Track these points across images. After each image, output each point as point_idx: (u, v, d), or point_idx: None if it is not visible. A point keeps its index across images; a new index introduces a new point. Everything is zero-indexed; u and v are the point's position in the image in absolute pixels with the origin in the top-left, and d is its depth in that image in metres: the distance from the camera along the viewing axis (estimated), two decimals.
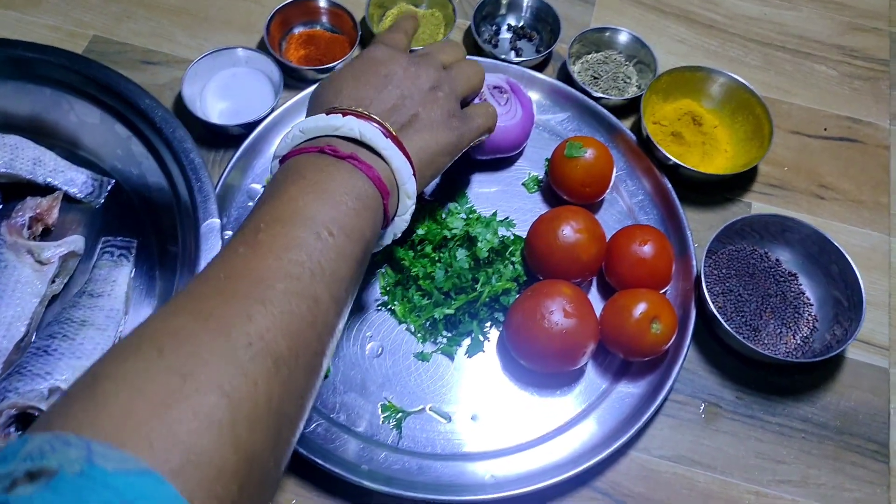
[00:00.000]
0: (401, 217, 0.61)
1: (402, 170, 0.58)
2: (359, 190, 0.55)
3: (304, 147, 0.57)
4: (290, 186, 0.53)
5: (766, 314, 0.76)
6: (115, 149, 0.77)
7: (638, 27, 0.96)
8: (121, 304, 0.70)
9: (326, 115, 0.58)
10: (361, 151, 0.57)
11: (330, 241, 0.51)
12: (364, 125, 0.57)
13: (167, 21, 0.91)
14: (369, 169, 0.56)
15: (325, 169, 0.55)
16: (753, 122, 0.86)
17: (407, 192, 0.59)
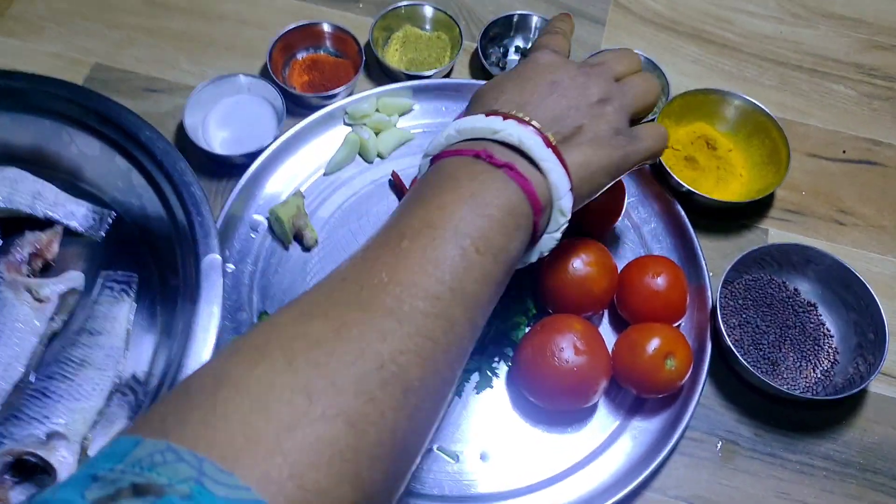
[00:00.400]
0: (550, 235, 0.57)
1: (559, 184, 0.54)
2: (512, 204, 0.51)
3: (459, 148, 0.54)
4: (441, 193, 0.50)
5: (785, 347, 0.74)
6: (116, 181, 0.75)
7: (650, 48, 0.94)
8: (121, 341, 0.69)
9: (486, 116, 0.55)
10: (519, 161, 0.53)
11: (476, 259, 0.48)
12: (524, 132, 0.54)
13: (170, 47, 0.90)
14: (525, 182, 0.52)
15: (478, 176, 0.51)
16: (770, 146, 0.83)
17: (561, 209, 0.55)
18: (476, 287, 0.48)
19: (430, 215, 0.49)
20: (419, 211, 0.49)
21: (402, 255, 0.46)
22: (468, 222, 0.48)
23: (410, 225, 0.48)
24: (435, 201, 0.50)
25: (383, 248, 0.47)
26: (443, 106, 0.86)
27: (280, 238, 0.77)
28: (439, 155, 0.56)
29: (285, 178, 0.80)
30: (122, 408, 0.66)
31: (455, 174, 0.52)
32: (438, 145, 0.57)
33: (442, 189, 0.51)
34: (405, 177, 0.81)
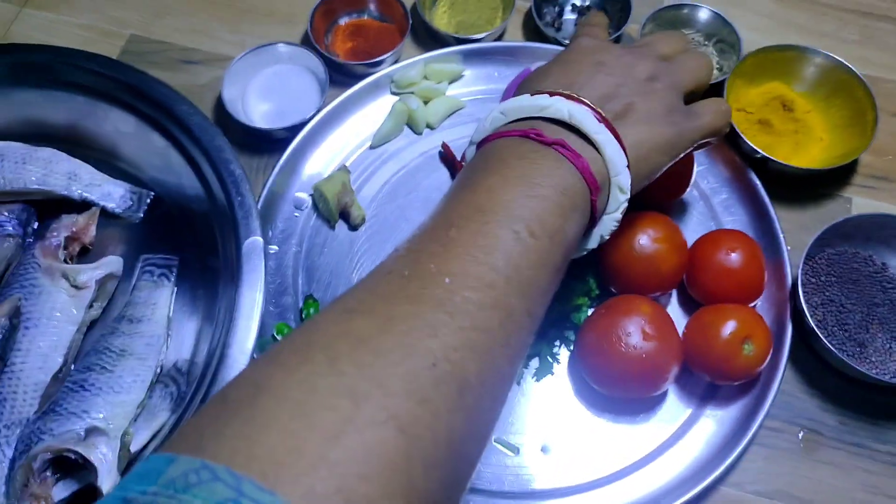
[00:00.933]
0: (610, 215, 0.53)
1: (615, 159, 0.51)
2: (566, 182, 0.48)
3: (504, 131, 0.51)
4: (488, 175, 0.47)
5: (873, 327, 0.68)
6: (153, 159, 0.72)
7: (718, 2, 0.86)
8: (162, 328, 0.66)
9: (531, 94, 0.52)
10: (570, 137, 0.50)
11: (531, 242, 0.44)
12: (574, 106, 0.51)
13: (206, 15, 0.86)
14: (577, 158, 0.49)
15: (527, 156, 0.49)
16: (853, 106, 0.76)
17: (620, 186, 0.52)
18: (532, 273, 0.44)
19: (478, 199, 0.46)
20: (467, 196, 0.46)
21: (451, 243, 0.43)
22: (520, 204, 0.45)
23: (458, 211, 0.45)
24: (483, 185, 0.47)
25: (430, 237, 0.44)
26: (495, 71, 0.81)
27: (325, 216, 0.73)
28: (485, 139, 0.53)
29: (330, 153, 0.76)
30: (165, 399, 0.63)
31: (502, 156, 0.49)
32: (483, 130, 0.54)
33: (489, 172, 0.48)
34: (456, 148, 0.76)
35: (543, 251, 0.45)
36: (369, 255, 0.72)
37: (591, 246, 0.55)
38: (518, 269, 0.43)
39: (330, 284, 0.70)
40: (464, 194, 0.47)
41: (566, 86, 0.53)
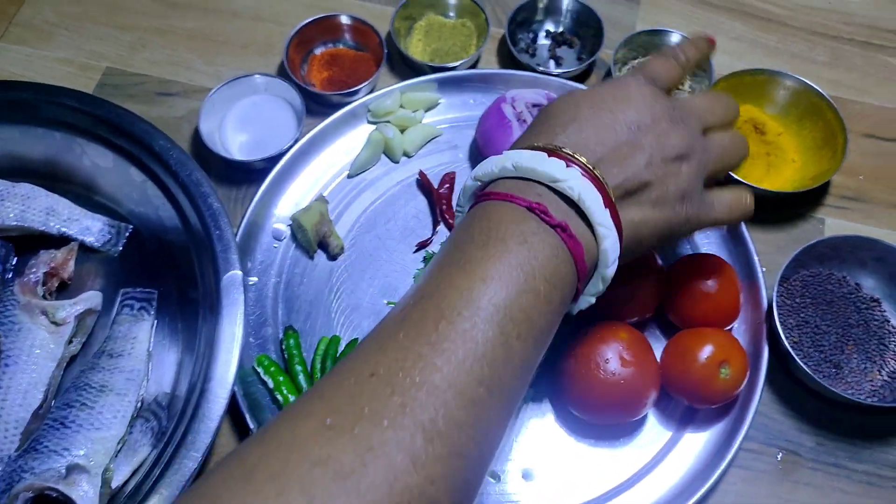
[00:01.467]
0: (585, 297, 0.52)
1: (609, 253, 0.49)
2: (559, 273, 0.46)
3: (513, 194, 0.48)
4: (486, 257, 0.44)
5: (848, 347, 0.68)
6: (132, 193, 0.72)
7: (689, 26, 0.88)
8: (142, 363, 0.66)
9: (548, 155, 0.48)
10: (573, 220, 0.47)
11: (517, 347, 0.43)
12: (586, 187, 0.47)
13: (183, 48, 0.86)
14: (576, 246, 0.47)
15: (529, 239, 0.45)
16: (824, 128, 0.77)
17: (604, 276, 0.50)
18: (514, 381, 0.43)
19: (472, 289, 0.43)
20: (461, 280, 0.44)
21: (438, 344, 0.41)
22: (513, 300, 0.43)
23: (449, 299, 0.43)
24: (479, 269, 0.44)
25: (419, 330, 0.42)
26: (471, 98, 0.81)
27: (304, 247, 0.73)
28: (487, 193, 0.49)
29: (307, 183, 0.76)
30: (146, 434, 0.63)
31: (504, 234, 0.46)
32: (490, 174, 0.50)
33: (487, 252, 0.45)
34: (433, 176, 0.77)
35: (527, 355, 0.44)
36: (348, 284, 0.72)
37: None
38: (501, 378, 0.42)
39: (310, 315, 0.71)
40: (457, 276, 0.44)
41: (589, 147, 0.50)
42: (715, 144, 0.55)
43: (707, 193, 0.55)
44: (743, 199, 0.57)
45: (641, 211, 0.51)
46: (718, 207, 0.56)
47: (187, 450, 0.57)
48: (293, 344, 0.68)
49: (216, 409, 0.59)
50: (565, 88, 0.79)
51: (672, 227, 0.53)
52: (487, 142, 0.74)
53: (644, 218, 0.51)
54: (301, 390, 0.66)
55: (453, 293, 0.43)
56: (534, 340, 0.44)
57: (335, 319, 0.70)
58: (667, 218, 0.52)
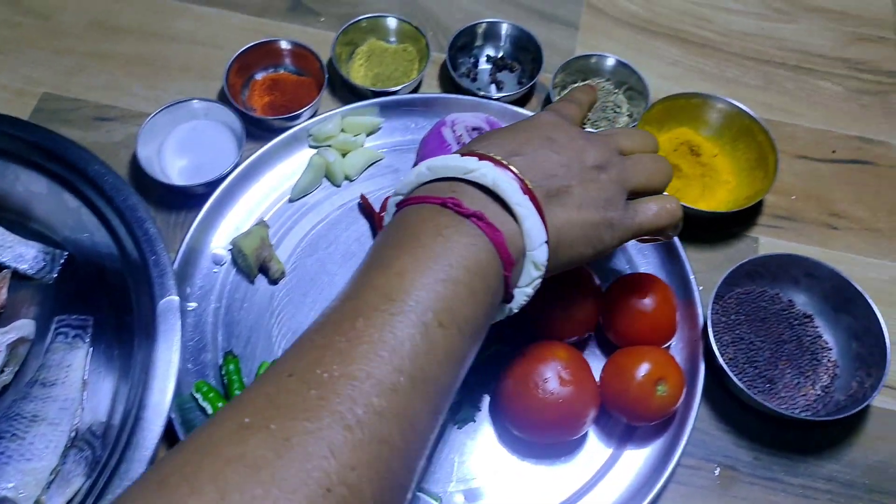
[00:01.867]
0: (521, 289, 0.51)
1: (533, 233, 0.49)
2: (480, 263, 0.46)
3: (426, 195, 0.49)
4: (401, 254, 0.45)
5: (782, 363, 0.70)
6: (66, 219, 0.71)
7: (627, 51, 0.90)
8: (76, 391, 0.64)
9: (462, 155, 0.51)
10: (490, 208, 0.48)
11: (439, 336, 0.43)
12: (500, 174, 0.49)
13: (122, 73, 0.85)
14: (495, 233, 0.47)
15: (442, 232, 0.46)
16: (756, 150, 0.79)
17: (535, 262, 0.50)
18: (439, 370, 0.43)
19: (388, 284, 0.44)
20: (378, 278, 0.45)
21: (357, 338, 0.41)
22: (430, 291, 0.44)
23: (366, 298, 0.43)
24: (395, 266, 0.45)
25: (336, 328, 0.42)
26: (412, 122, 0.82)
27: (244, 271, 0.73)
28: (406, 200, 0.51)
29: (248, 207, 0.76)
30: (79, 465, 0.61)
31: (418, 231, 0.47)
32: (408, 184, 0.52)
33: (402, 249, 0.46)
34: (375, 200, 0.77)
35: (452, 344, 0.44)
36: (289, 308, 0.71)
37: (498, 319, 0.53)
38: (424, 368, 0.42)
39: (250, 339, 0.70)
40: (374, 276, 0.45)
41: (506, 153, 0.52)
42: (634, 162, 0.57)
43: (632, 203, 0.56)
44: (668, 205, 0.58)
45: (566, 212, 0.52)
46: (644, 213, 0.57)
47: (121, 479, 0.56)
48: (233, 369, 0.67)
49: (151, 437, 0.58)
50: (506, 112, 0.80)
51: (599, 230, 0.53)
52: None
53: (569, 218, 0.52)
54: None
55: (370, 292, 0.44)
56: (458, 330, 0.44)
57: (276, 343, 0.70)
58: (592, 221, 0.53)
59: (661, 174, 0.58)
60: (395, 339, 0.41)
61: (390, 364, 0.40)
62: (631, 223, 0.56)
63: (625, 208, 0.55)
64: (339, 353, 0.40)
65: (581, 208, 0.52)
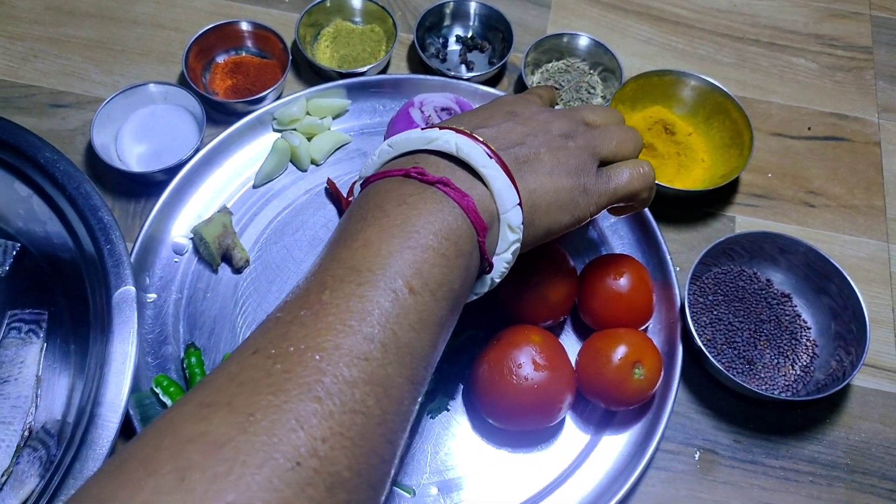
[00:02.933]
0: (500, 256, 0.49)
1: (503, 194, 0.47)
2: (449, 227, 0.45)
3: (388, 169, 0.48)
4: (365, 227, 0.44)
5: (761, 343, 0.68)
6: (17, 209, 0.68)
7: (599, 29, 0.88)
8: (30, 388, 0.62)
9: (422, 129, 0.50)
10: (456, 174, 0.47)
11: (410, 301, 0.41)
12: (463, 139, 0.48)
13: (79, 57, 0.82)
14: (462, 197, 0.46)
15: (407, 200, 0.45)
16: (731, 128, 0.78)
17: (510, 224, 0.48)
18: (413, 335, 0.41)
19: (353, 257, 0.42)
20: (342, 252, 0.43)
21: (323, 310, 0.39)
22: (398, 258, 0.42)
23: (331, 271, 0.42)
24: (359, 238, 0.43)
25: (302, 303, 0.40)
26: (380, 104, 0.80)
27: (207, 261, 0.70)
28: (370, 178, 0.50)
29: (210, 194, 0.73)
30: (33, 465, 0.58)
31: (380, 201, 0.46)
32: (371, 164, 0.51)
33: (366, 222, 0.44)
34: (342, 184, 0.74)
35: (425, 309, 0.42)
36: (254, 297, 0.69)
37: (481, 291, 0.51)
38: (396, 333, 0.40)
39: (213, 331, 0.67)
40: (339, 250, 0.43)
41: (472, 127, 0.51)
42: (602, 131, 0.56)
43: (604, 169, 0.55)
44: (641, 168, 0.56)
45: (536, 178, 0.50)
46: (618, 177, 0.55)
47: (75, 479, 0.53)
48: (195, 362, 0.65)
49: (106, 434, 0.55)
50: (476, 92, 0.78)
51: (573, 195, 0.52)
52: None
53: (541, 183, 0.50)
54: None
55: (335, 265, 0.42)
56: (431, 294, 0.42)
57: (240, 334, 0.67)
58: (565, 186, 0.51)
59: (631, 142, 0.57)
60: (364, 307, 0.39)
61: (359, 333, 0.38)
62: (605, 188, 0.54)
63: (597, 175, 0.54)
64: (303, 326, 0.38)
65: (552, 174, 0.51)
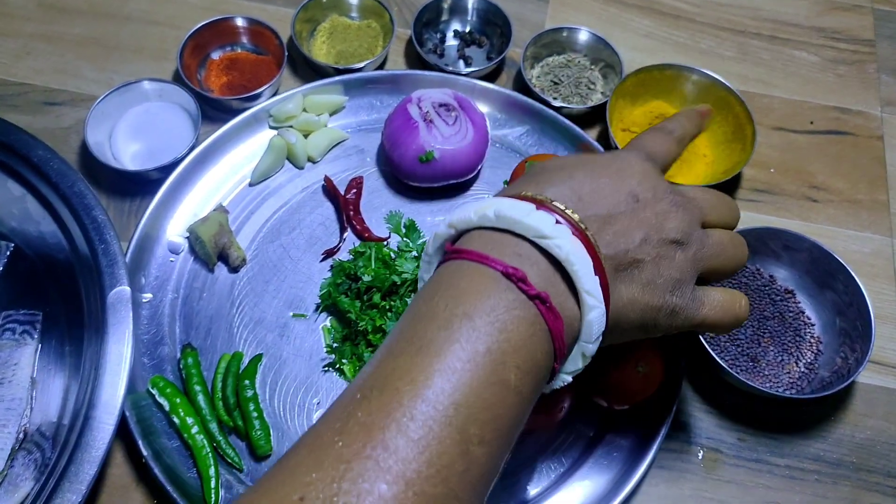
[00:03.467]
0: (562, 375, 0.44)
1: (594, 326, 0.42)
2: (534, 356, 0.39)
3: (485, 250, 0.41)
4: (449, 342, 0.37)
5: (765, 340, 0.68)
6: (11, 208, 0.67)
7: (598, 24, 0.87)
8: (24, 391, 0.61)
9: (536, 207, 0.42)
10: (556, 286, 0.41)
11: (479, 453, 0.36)
12: (576, 247, 0.41)
13: (72, 55, 0.81)
14: (555, 320, 0.40)
15: (501, 316, 0.38)
16: (733, 122, 0.77)
17: (584, 353, 0.43)
18: (475, 489, 0.36)
19: (429, 384, 0.36)
20: (417, 371, 0.37)
21: (386, 457, 0.34)
22: (478, 396, 0.37)
23: (401, 398, 0.36)
24: (439, 359, 0.37)
25: (364, 438, 0.35)
26: (377, 100, 0.79)
27: (203, 260, 0.69)
28: (459, 249, 0.42)
29: (205, 192, 0.72)
30: (28, 468, 0.58)
31: (471, 309, 0.39)
32: (466, 221, 0.43)
33: (451, 334, 0.38)
34: (340, 181, 0.73)
35: (492, 458, 0.37)
36: (251, 297, 0.68)
37: None
38: (456, 491, 0.35)
39: (210, 331, 0.66)
40: (414, 365, 0.37)
41: (584, 205, 0.44)
42: (714, 241, 0.49)
43: (699, 289, 0.48)
44: (737, 303, 0.49)
45: (630, 290, 0.44)
46: (710, 306, 0.48)
47: (70, 482, 0.53)
48: (192, 363, 0.64)
49: (102, 436, 0.54)
50: (474, 88, 0.77)
51: (658, 316, 0.46)
52: (394, 144, 0.71)
53: (632, 298, 0.44)
54: (200, 411, 0.62)
55: (406, 388, 0.36)
56: (498, 443, 0.37)
57: (238, 334, 0.67)
58: (655, 304, 0.45)
59: (737, 260, 0.50)
60: (432, 459, 0.34)
61: (422, 486, 0.34)
62: (694, 315, 0.47)
63: (692, 295, 0.47)
64: (362, 476, 0.34)
65: (647, 288, 0.45)
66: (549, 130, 0.77)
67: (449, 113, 0.71)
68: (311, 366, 0.65)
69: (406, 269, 0.66)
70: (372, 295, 0.65)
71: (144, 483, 0.61)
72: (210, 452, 0.60)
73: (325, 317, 0.67)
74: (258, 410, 0.62)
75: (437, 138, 0.70)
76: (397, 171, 0.72)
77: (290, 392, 0.64)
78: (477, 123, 0.71)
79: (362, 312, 0.64)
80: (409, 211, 0.73)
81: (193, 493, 0.59)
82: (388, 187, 0.75)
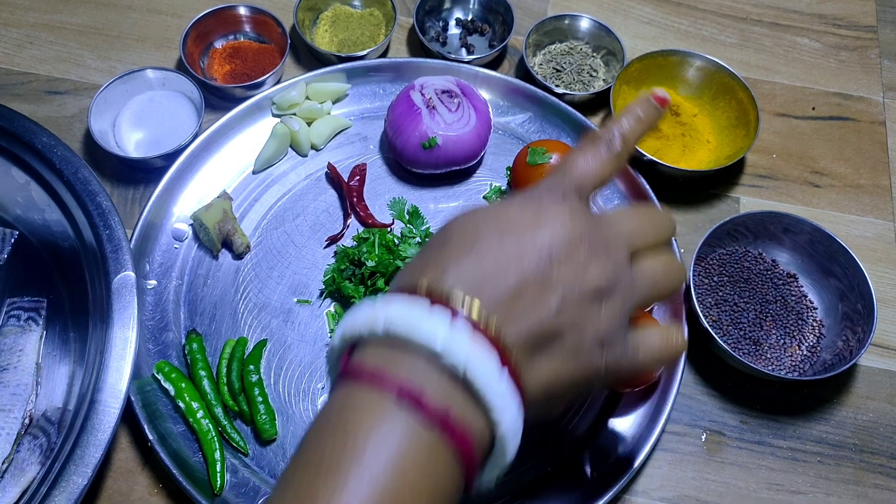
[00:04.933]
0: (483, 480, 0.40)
1: (508, 439, 0.37)
2: (442, 486, 0.35)
3: (379, 367, 0.36)
4: (337, 490, 0.33)
5: (767, 323, 0.68)
6: (15, 196, 0.67)
7: (600, 11, 0.87)
8: (29, 376, 0.61)
9: (431, 302, 0.37)
10: (457, 398, 0.36)
11: None
12: (475, 351, 0.36)
13: (74, 43, 0.81)
14: (462, 441, 0.35)
15: (395, 452, 0.34)
16: (737, 108, 0.77)
17: (500, 465, 0.38)
18: None
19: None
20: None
21: None
22: None
23: None
24: (336, 496, 0.33)
25: None
26: (380, 88, 0.79)
27: (207, 246, 0.69)
28: (351, 369, 0.38)
29: (209, 180, 0.72)
30: (34, 452, 0.58)
31: (363, 445, 0.35)
32: (355, 335, 0.39)
33: (339, 479, 0.34)
34: (343, 168, 0.74)
35: None
36: (255, 283, 0.68)
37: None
38: None
39: (215, 317, 0.67)
40: (312, 494, 0.34)
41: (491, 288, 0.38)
42: (644, 275, 0.44)
43: (631, 335, 0.44)
44: (672, 341, 0.46)
45: (551, 365, 0.39)
46: (644, 352, 0.44)
47: (76, 465, 0.53)
48: (196, 348, 0.64)
49: (107, 420, 0.54)
50: (477, 75, 0.78)
51: (589, 379, 0.41)
52: (397, 130, 0.71)
53: (556, 373, 0.40)
54: (205, 396, 0.62)
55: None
56: None
57: (242, 320, 0.67)
58: (583, 371, 0.41)
59: (672, 286, 0.46)
60: None
61: None
62: (632, 364, 0.44)
63: (623, 346, 0.43)
64: None
65: (572, 356, 0.40)
66: (551, 117, 0.77)
67: (452, 99, 0.71)
68: (316, 351, 0.66)
69: (409, 253, 0.66)
70: (376, 280, 0.65)
71: (150, 467, 0.61)
72: (215, 436, 0.60)
73: (329, 302, 0.68)
74: (263, 395, 0.62)
75: (440, 125, 0.70)
76: (400, 158, 0.72)
77: (294, 377, 0.64)
78: (479, 110, 0.71)
79: (366, 298, 0.64)
80: (413, 197, 0.73)
81: (199, 477, 0.59)
82: (392, 174, 0.75)
